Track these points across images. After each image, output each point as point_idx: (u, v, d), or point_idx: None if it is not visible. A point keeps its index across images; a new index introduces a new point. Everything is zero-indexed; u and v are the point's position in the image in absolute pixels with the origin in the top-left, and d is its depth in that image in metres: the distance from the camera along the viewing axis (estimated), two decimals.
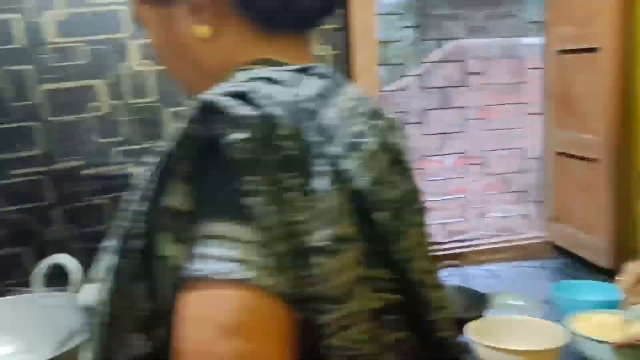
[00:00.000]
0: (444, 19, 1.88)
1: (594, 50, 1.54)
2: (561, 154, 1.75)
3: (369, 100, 0.50)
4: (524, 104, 2.06)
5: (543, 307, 1.18)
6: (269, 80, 0.43)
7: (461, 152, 1.81)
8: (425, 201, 0.52)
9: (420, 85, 1.77)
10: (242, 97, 0.39)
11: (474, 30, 1.90)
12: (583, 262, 1.65)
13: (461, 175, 1.88)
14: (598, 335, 0.96)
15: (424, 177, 2.06)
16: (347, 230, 0.40)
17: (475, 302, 1.18)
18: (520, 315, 1.11)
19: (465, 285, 1.26)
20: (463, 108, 1.86)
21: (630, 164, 1.56)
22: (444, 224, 1.94)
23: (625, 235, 1.57)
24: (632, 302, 0.99)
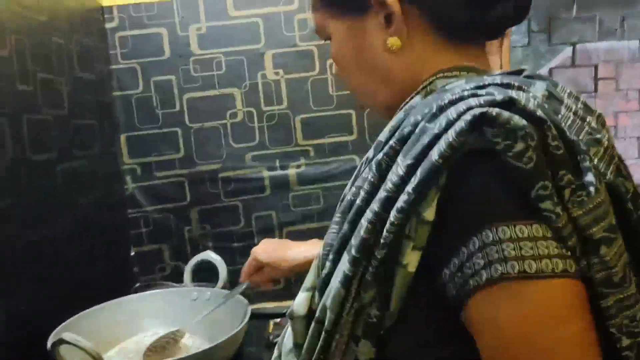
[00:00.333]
0: (574, 22, 1.80)
1: None
2: None
3: (580, 97, 0.50)
4: None
5: None
6: (505, 86, 0.44)
7: None
8: None
9: None
10: (508, 106, 0.40)
11: (606, 32, 1.80)
12: None
13: None
14: None
15: None
16: (614, 221, 0.42)
17: None
18: None
19: None
20: None
21: None
22: None
23: None
24: None
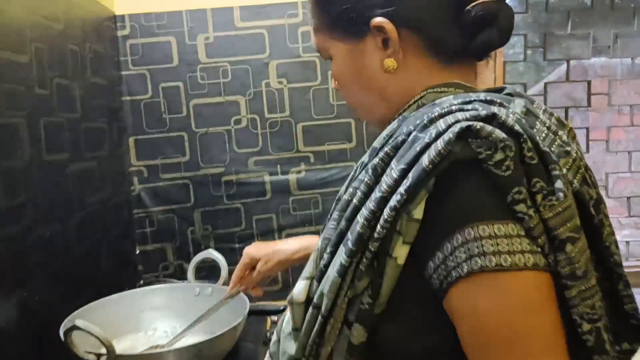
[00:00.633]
0: (568, 39, 1.86)
1: None
2: None
3: (553, 113, 0.56)
4: None
5: None
6: (488, 102, 0.49)
7: None
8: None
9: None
10: (490, 121, 0.45)
11: (599, 50, 1.86)
12: None
13: None
14: None
15: None
16: (579, 222, 0.46)
17: None
18: None
19: None
20: (586, 129, 1.82)
21: None
22: None
23: None
24: None
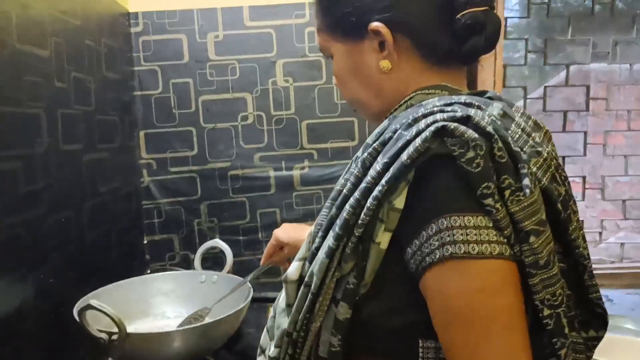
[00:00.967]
0: (568, 44, 1.90)
1: None
2: None
3: (531, 116, 0.61)
4: None
5: None
6: (467, 105, 0.54)
7: (580, 176, 1.81)
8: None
9: (540, 108, 1.81)
10: (465, 122, 0.50)
11: (599, 55, 1.90)
12: None
13: (578, 199, 1.88)
14: None
15: None
16: (544, 217, 0.51)
17: None
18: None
19: None
20: (584, 132, 1.86)
21: None
22: None
23: None
24: None
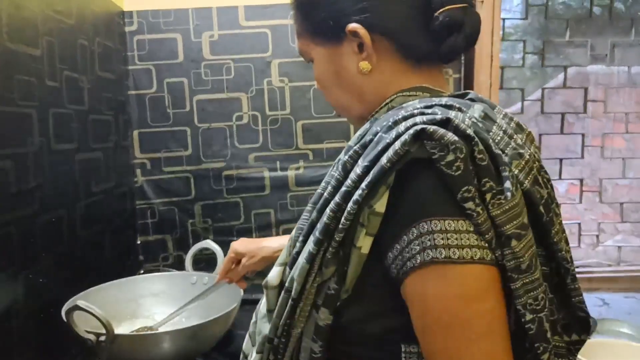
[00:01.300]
0: (567, 46, 1.89)
1: None
2: None
3: (513, 117, 0.60)
4: None
5: None
6: (448, 107, 0.53)
7: (578, 179, 1.80)
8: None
9: (539, 110, 1.80)
10: (445, 124, 0.49)
11: (597, 58, 1.89)
12: None
13: (576, 202, 1.86)
14: None
15: None
16: (526, 220, 0.50)
17: None
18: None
19: None
20: (582, 135, 1.85)
21: None
22: None
23: None
24: None
